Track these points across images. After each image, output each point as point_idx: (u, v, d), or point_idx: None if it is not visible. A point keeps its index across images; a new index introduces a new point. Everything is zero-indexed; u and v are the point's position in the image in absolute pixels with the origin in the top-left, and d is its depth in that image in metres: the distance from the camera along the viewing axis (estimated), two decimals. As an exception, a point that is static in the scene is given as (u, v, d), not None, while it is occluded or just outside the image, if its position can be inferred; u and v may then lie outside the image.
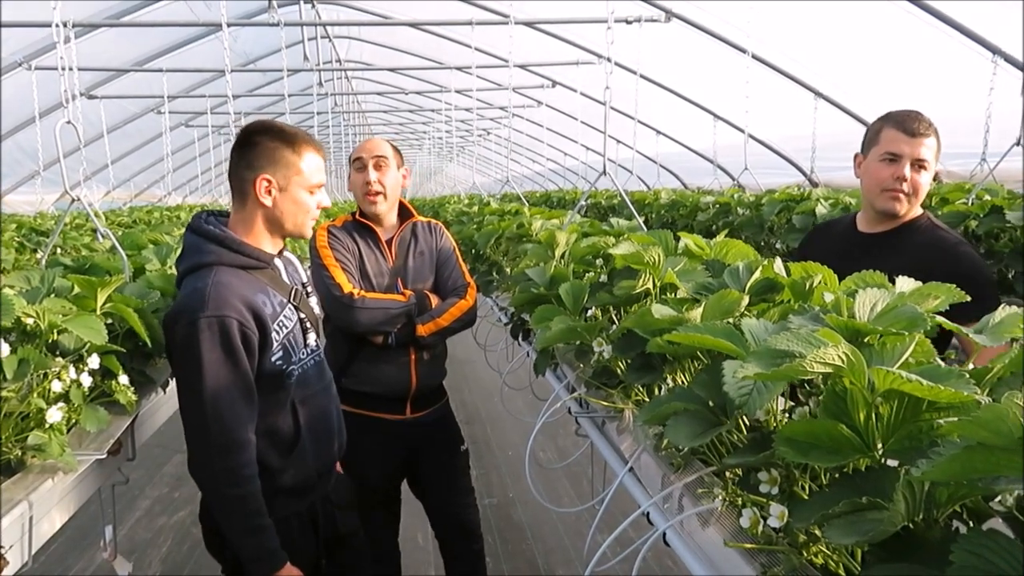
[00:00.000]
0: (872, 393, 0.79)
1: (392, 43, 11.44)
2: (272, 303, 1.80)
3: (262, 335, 1.73)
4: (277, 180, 1.79)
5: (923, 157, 2.00)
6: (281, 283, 1.87)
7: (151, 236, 2.94)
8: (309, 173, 1.82)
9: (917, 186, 2.02)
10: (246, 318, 1.70)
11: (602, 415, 1.76)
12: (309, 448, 1.88)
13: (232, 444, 1.68)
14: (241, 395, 1.69)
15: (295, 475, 1.86)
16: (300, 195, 1.81)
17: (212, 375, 1.65)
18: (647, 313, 1.25)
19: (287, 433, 1.85)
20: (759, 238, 4.32)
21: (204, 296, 1.68)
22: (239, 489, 1.69)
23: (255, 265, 1.81)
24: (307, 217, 1.85)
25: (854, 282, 1.22)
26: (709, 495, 1.02)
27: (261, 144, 1.79)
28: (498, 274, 3.29)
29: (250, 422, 1.72)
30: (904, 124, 2.01)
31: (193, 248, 1.81)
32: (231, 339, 1.67)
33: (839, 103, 7.03)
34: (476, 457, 5.26)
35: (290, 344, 1.83)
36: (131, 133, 11.94)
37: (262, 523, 1.72)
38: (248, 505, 1.70)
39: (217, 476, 1.70)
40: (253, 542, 1.71)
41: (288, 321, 1.84)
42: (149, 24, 7.74)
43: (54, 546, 3.87)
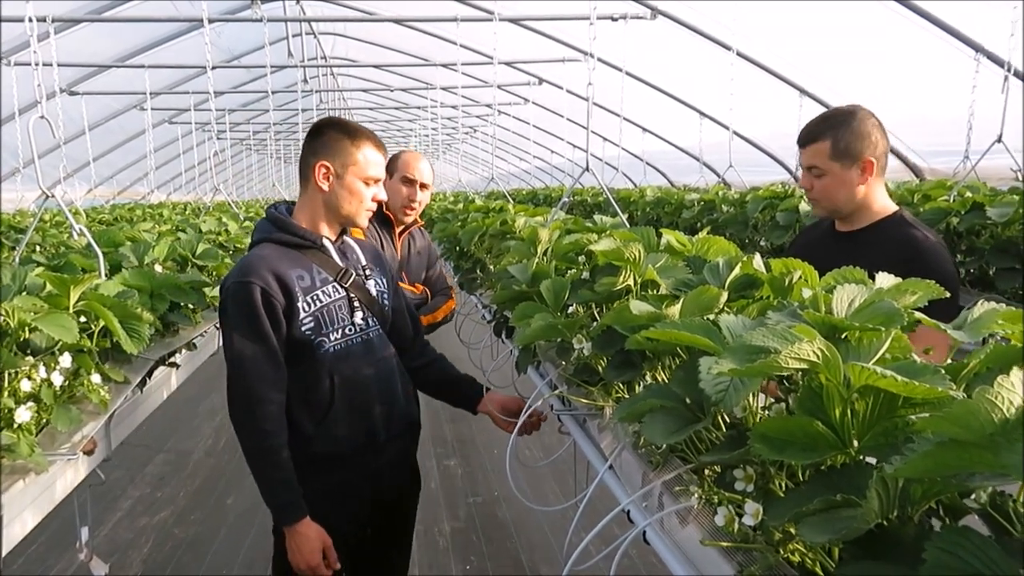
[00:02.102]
0: (848, 389, 0.79)
1: (378, 40, 11.39)
2: (313, 278, 1.96)
3: (288, 303, 1.89)
4: (335, 167, 1.97)
5: (809, 164, 2.04)
6: (330, 263, 2.02)
7: (129, 233, 2.91)
8: (365, 164, 1.99)
9: (820, 190, 2.05)
10: (271, 285, 1.86)
11: (583, 413, 1.75)
12: (341, 418, 1.99)
13: (253, 399, 1.85)
14: (263, 355, 1.86)
15: (327, 442, 1.98)
16: (356, 184, 1.99)
17: (237, 334, 1.86)
18: (625, 309, 1.23)
19: (322, 400, 1.97)
20: (743, 235, 4.33)
21: (242, 265, 1.91)
22: (260, 441, 1.86)
23: (301, 244, 1.98)
24: (361, 207, 2.02)
25: (834, 278, 1.21)
26: (687, 493, 1.01)
27: (326, 135, 1.98)
28: (482, 272, 3.27)
29: (273, 381, 1.88)
30: (799, 133, 2.06)
31: (257, 228, 2.05)
32: (253, 303, 1.84)
33: (823, 100, 7.05)
34: (462, 455, 5.24)
35: (324, 317, 1.96)
36: (114, 130, 11.82)
37: (280, 476, 1.87)
38: (268, 457, 1.86)
39: (243, 425, 1.89)
40: (274, 490, 1.88)
41: (325, 296, 1.97)
42: (131, 19, 7.67)
43: (34, 547, 3.82)
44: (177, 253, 2.84)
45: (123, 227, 4.63)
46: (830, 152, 1.99)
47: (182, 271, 2.82)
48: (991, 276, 2.71)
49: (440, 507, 4.36)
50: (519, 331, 1.70)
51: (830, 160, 2.00)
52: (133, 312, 1.88)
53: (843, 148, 1.98)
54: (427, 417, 5.80)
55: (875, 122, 2.00)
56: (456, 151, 17.27)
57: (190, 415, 6.07)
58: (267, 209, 2.09)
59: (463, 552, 3.85)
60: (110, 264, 2.34)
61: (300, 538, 1.87)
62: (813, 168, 2.03)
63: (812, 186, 2.06)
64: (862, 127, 1.98)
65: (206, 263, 2.96)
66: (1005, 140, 4.00)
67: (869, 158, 2.00)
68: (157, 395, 2.66)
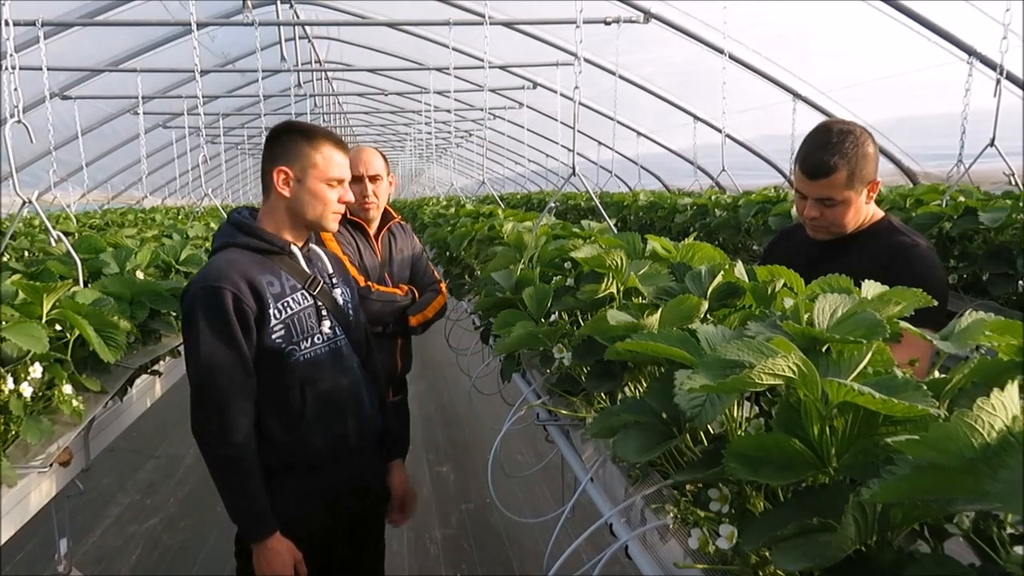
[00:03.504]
0: (826, 406, 0.75)
1: (372, 44, 11.35)
2: (282, 285, 1.91)
3: (260, 310, 1.83)
4: (294, 172, 1.91)
5: (824, 196, 1.94)
6: (298, 270, 1.97)
7: (111, 239, 2.87)
8: (326, 165, 1.92)
9: (832, 218, 1.98)
10: (242, 291, 1.81)
11: (567, 424, 1.71)
12: (315, 428, 1.94)
13: (222, 407, 1.79)
14: (233, 363, 1.80)
15: (298, 452, 1.93)
16: (318, 187, 1.92)
17: (205, 340, 1.78)
18: (603, 319, 1.20)
19: (292, 411, 1.92)
20: (736, 240, 4.30)
21: (209, 270, 1.84)
22: (227, 450, 1.79)
23: (268, 249, 1.93)
24: (326, 210, 1.95)
25: (819, 286, 1.18)
26: (663, 511, 0.97)
27: (283, 139, 1.93)
28: (470, 277, 3.24)
29: (242, 389, 1.82)
30: (805, 163, 1.95)
31: (220, 233, 1.99)
32: (224, 308, 1.78)
33: (817, 104, 7.04)
34: (454, 461, 5.20)
35: (294, 325, 1.91)
36: (107, 134, 11.77)
37: (251, 490, 1.81)
38: (236, 466, 1.80)
39: (210, 435, 1.81)
40: (243, 505, 1.82)
41: (295, 304, 1.92)
42: (122, 23, 7.64)
43: (20, 554, 3.78)
44: (161, 259, 2.80)
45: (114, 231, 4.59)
46: (845, 182, 1.91)
47: (165, 277, 2.78)
48: (984, 281, 2.68)
49: (432, 513, 4.31)
50: (500, 339, 1.67)
51: (846, 190, 1.92)
52: (109, 320, 1.84)
53: (858, 175, 1.91)
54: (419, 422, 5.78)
55: (872, 138, 1.96)
56: (452, 155, 17.24)
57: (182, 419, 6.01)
58: (229, 214, 2.03)
59: (454, 559, 3.81)
60: (90, 271, 2.30)
61: (271, 554, 1.81)
62: (827, 200, 1.95)
63: (820, 215, 1.98)
64: (868, 148, 1.92)
65: (191, 269, 2.92)
66: (998, 144, 3.98)
67: (876, 179, 1.96)
68: (140, 403, 2.62)
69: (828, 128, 1.96)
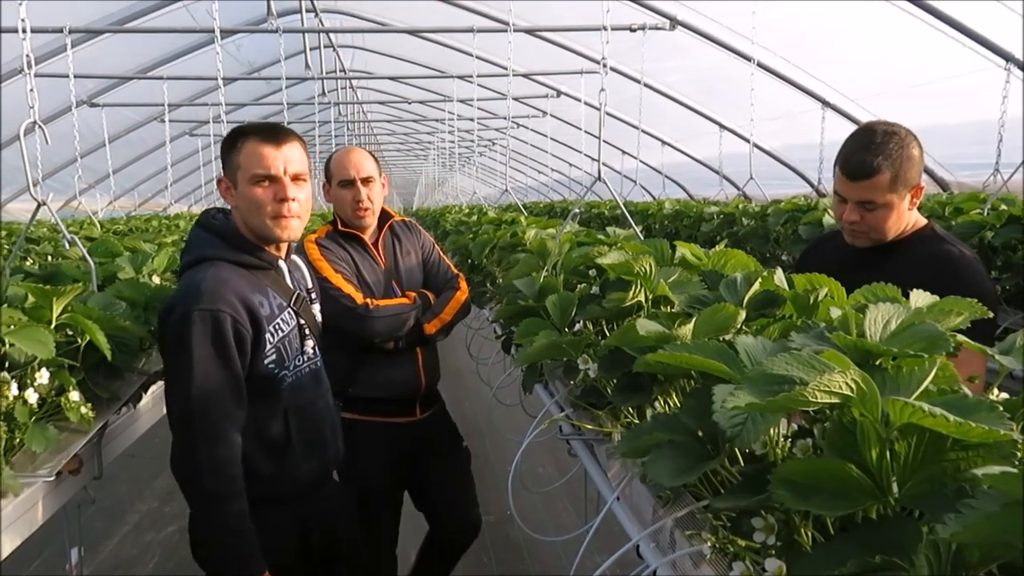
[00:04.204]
0: (886, 428, 0.67)
1: (395, 52, 11.39)
2: (271, 305, 1.76)
3: (255, 335, 1.70)
4: (228, 178, 1.75)
5: (866, 199, 1.85)
6: (284, 286, 1.83)
7: (128, 243, 2.84)
8: (247, 162, 1.72)
9: (873, 223, 1.88)
10: (240, 315, 1.66)
11: (591, 438, 1.64)
12: (300, 457, 1.82)
13: (217, 439, 1.64)
14: (229, 391, 1.65)
15: (284, 483, 1.80)
16: (245, 190, 1.72)
17: (201, 368, 1.62)
18: (632, 329, 1.12)
19: (278, 439, 1.79)
20: (764, 249, 4.20)
21: (200, 289, 1.65)
22: (219, 486, 1.64)
23: (257, 264, 1.78)
24: (263, 214, 1.72)
25: (864, 296, 1.10)
26: (698, 537, 0.89)
27: (223, 147, 1.78)
28: (492, 285, 3.18)
29: (237, 420, 1.68)
30: (846, 164, 1.86)
31: (196, 241, 1.79)
32: (223, 334, 1.64)
33: (847, 112, 6.91)
34: (474, 473, 5.13)
35: (285, 349, 1.79)
36: (134, 142, 11.88)
37: (241, 526, 1.65)
38: (228, 504, 1.64)
39: (199, 470, 1.63)
40: (230, 543, 1.65)
41: (285, 325, 1.79)
42: (149, 30, 7.69)
43: (36, 563, 3.75)
44: (177, 264, 2.76)
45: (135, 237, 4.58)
46: (888, 185, 1.82)
47: (183, 283, 2.73)
48: (1028, 293, 2.57)
49: (450, 526, 4.24)
50: (522, 349, 1.60)
51: (888, 193, 1.83)
52: (121, 325, 1.79)
53: (902, 178, 1.82)
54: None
55: (917, 140, 1.87)
56: (474, 164, 17.25)
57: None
58: (202, 218, 1.84)
59: (473, 572, 3.73)
60: (105, 275, 2.26)
61: None
62: (868, 204, 1.86)
63: (861, 219, 1.88)
64: (913, 151, 1.83)
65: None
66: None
67: (920, 184, 1.87)
68: (156, 410, 2.58)
69: (872, 129, 1.87)
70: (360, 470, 2.55)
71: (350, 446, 2.50)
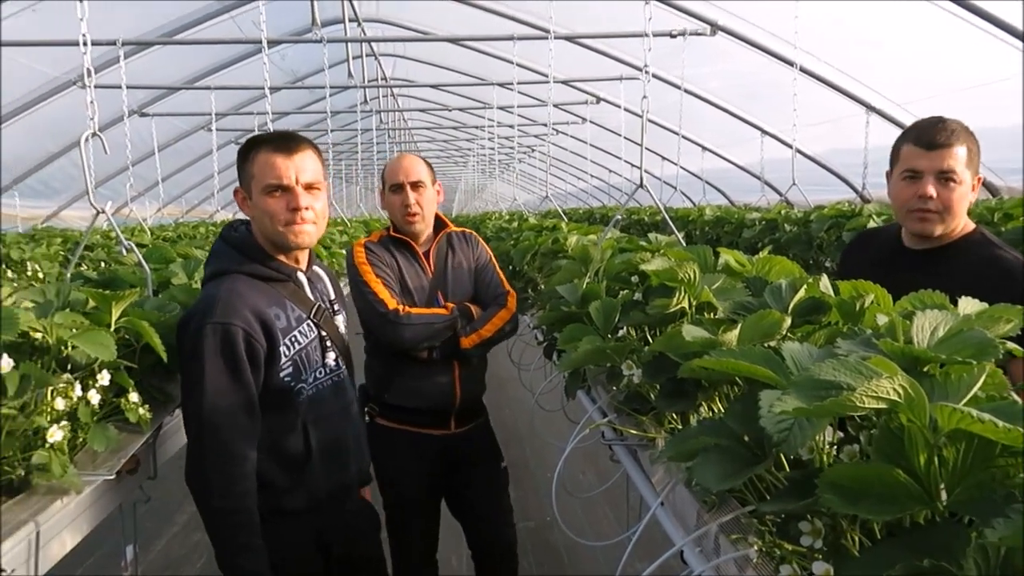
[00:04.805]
0: (934, 433, 0.68)
1: (436, 60, 11.51)
2: (288, 317, 1.75)
3: (270, 348, 1.69)
4: (244, 189, 1.76)
5: (947, 169, 1.79)
6: (303, 298, 1.82)
7: (180, 250, 2.92)
8: (260, 173, 1.72)
9: (947, 202, 1.82)
10: (253, 328, 1.65)
11: (634, 444, 1.65)
12: (319, 471, 1.80)
13: (227, 456, 1.63)
14: (241, 407, 1.64)
15: (302, 496, 1.79)
16: (259, 200, 1.73)
17: (212, 383, 1.62)
18: (677, 335, 1.14)
19: (296, 453, 1.77)
20: (807, 256, 4.16)
21: (214, 303, 1.66)
22: (230, 503, 1.63)
23: (275, 277, 1.77)
24: (276, 224, 1.72)
25: (911, 303, 1.10)
26: (743, 541, 0.90)
27: (238, 158, 1.78)
28: (533, 291, 3.19)
29: (249, 436, 1.67)
30: (921, 136, 1.83)
31: (216, 255, 1.80)
32: (235, 348, 1.63)
33: (892, 116, 6.80)
34: (515, 479, 5.10)
35: (302, 361, 1.77)
36: (182, 151, 12.18)
37: (250, 542, 1.64)
38: (238, 521, 1.63)
39: (209, 487, 1.63)
40: (240, 561, 1.63)
41: (303, 337, 1.78)
42: (198, 42, 7.90)
43: (91, 559, 3.86)
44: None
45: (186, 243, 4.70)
46: (967, 158, 1.80)
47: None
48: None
49: (490, 531, 4.26)
50: (566, 355, 1.62)
51: (966, 167, 1.80)
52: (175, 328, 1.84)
53: (973, 158, 1.81)
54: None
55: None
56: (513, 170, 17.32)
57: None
58: (223, 232, 1.85)
59: (513, 579, 3.75)
60: (159, 281, 2.34)
61: None
62: (948, 174, 1.80)
63: (936, 195, 1.81)
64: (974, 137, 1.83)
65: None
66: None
67: (980, 175, 1.86)
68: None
69: (935, 116, 1.87)
70: (392, 477, 2.57)
71: (385, 452, 2.52)
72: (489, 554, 2.75)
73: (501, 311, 2.55)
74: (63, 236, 6.50)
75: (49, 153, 9.40)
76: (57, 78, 7.73)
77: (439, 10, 8.90)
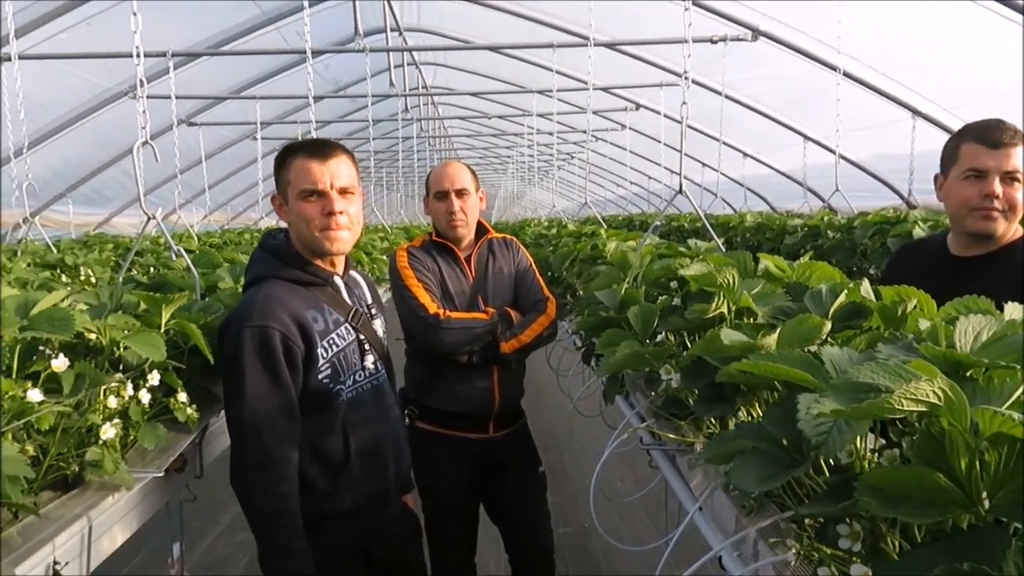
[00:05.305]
0: (976, 437, 0.67)
1: (476, 68, 11.58)
2: (326, 320, 1.78)
3: (307, 350, 1.71)
4: (281, 196, 1.80)
5: (1012, 168, 1.79)
6: (340, 302, 1.85)
7: (226, 255, 2.99)
8: (296, 178, 1.76)
9: (1012, 201, 1.81)
10: (291, 331, 1.68)
11: (673, 448, 1.64)
12: (359, 474, 1.82)
13: (267, 459, 1.66)
14: (280, 409, 1.67)
15: (342, 501, 1.81)
16: (296, 205, 1.76)
17: (252, 386, 1.65)
18: (716, 339, 1.14)
19: (335, 455, 1.80)
20: (850, 262, 4.09)
21: (252, 307, 1.70)
22: (272, 505, 1.66)
23: (312, 281, 1.80)
24: (313, 229, 1.76)
25: (954, 308, 1.08)
26: (783, 545, 0.90)
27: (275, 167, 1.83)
28: (572, 297, 3.20)
29: (290, 438, 1.70)
30: (984, 136, 1.81)
31: (255, 261, 1.85)
32: (273, 350, 1.66)
33: (939, 121, 6.66)
34: (553, 484, 5.10)
35: (340, 363, 1.80)
36: (228, 159, 12.43)
37: (293, 544, 1.67)
38: (280, 523, 1.66)
39: (250, 490, 1.67)
40: (282, 563, 1.66)
41: (340, 340, 1.80)
42: (244, 52, 8.06)
43: (137, 557, 3.95)
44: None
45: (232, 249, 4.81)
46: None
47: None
48: None
49: (528, 537, 4.26)
50: (604, 359, 1.62)
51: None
52: (223, 331, 1.89)
53: None
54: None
55: None
56: (552, 177, 17.34)
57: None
58: (262, 239, 1.90)
59: (550, 585, 3.74)
60: (207, 285, 2.40)
61: None
62: (1013, 173, 1.80)
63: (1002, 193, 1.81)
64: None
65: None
66: None
67: None
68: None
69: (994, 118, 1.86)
70: (431, 480, 2.59)
71: (424, 456, 2.55)
72: (526, 559, 2.76)
73: (541, 317, 2.58)
74: (114, 242, 6.68)
75: (101, 162, 9.67)
76: (109, 89, 7.95)
77: (479, 19, 8.97)
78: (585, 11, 5.04)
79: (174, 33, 7.38)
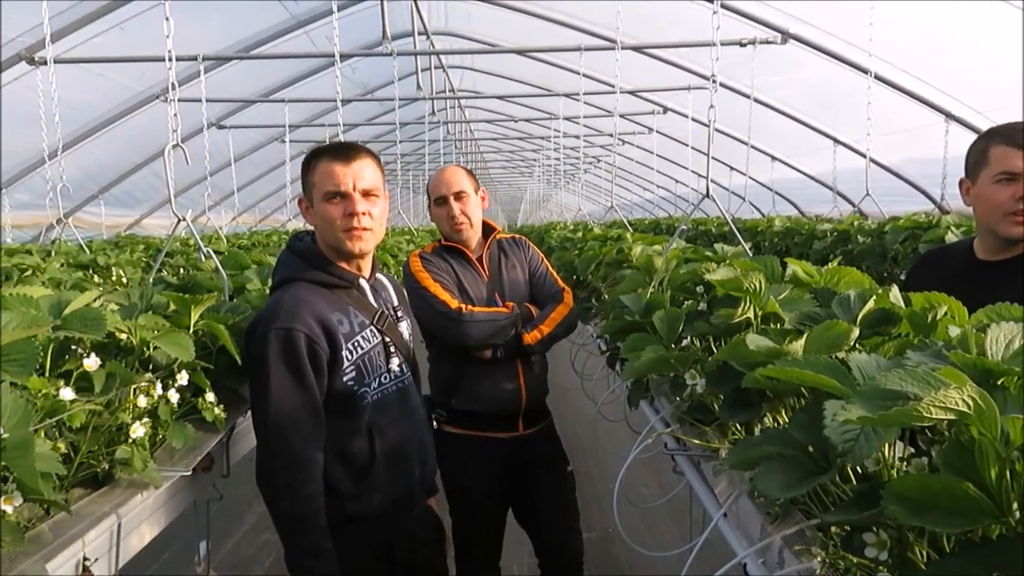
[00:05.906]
0: (1006, 446, 0.66)
1: (503, 71, 11.61)
2: (351, 323, 1.79)
3: (332, 352, 1.72)
4: (307, 198, 1.82)
5: None
6: (366, 304, 1.86)
7: (255, 257, 3.02)
8: (320, 181, 1.78)
9: None
10: (316, 333, 1.69)
11: (697, 454, 1.63)
12: (384, 476, 1.83)
13: (292, 460, 1.67)
14: (306, 410, 1.68)
15: (367, 503, 1.81)
16: (320, 207, 1.78)
17: (277, 387, 1.67)
18: (742, 344, 1.13)
19: (361, 458, 1.80)
20: (881, 268, 4.04)
21: (277, 309, 1.72)
22: (298, 507, 1.68)
23: (336, 283, 1.82)
24: (335, 230, 1.78)
25: (986, 315, 1.07)
26: (807, 553, 0.89)
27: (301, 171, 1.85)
28: (597, 301, 3.19)
29: (315, 439, 1.71)
30: (1014, 137, 1.78)
31: (282, 264, 1.87)
32: (297, 352, 1.68)
33: (973, 125, 6.55)
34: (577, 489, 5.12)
35: (365, 366, 1.80)
36: (256, 162, 12.57)
37: (319, 546, 1.68)
38: (307, 524, 1.67)
39: (277, 492, 1.69)
40: (308, 564, 1.67)
41: (366, 343, 1.81)
42: (273, 56, 8.16)
43: (166, 554, 4.00)
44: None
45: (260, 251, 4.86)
46: None
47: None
48: None
49: (551, 541, 4.25)
50: (629, 364, 1.62)
51: None
52: (250, 332, 1.90)
53: None
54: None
55: None
56: (578, 181, 17.31)
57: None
58: (289, 241, 1.92)
59: (573, 590, 3.73)
60: (235, 286, 2.42)
61: None
62: None
63: None
64: None
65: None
66: None
67: None
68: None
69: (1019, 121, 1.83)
70: (460, 484, 2.60)
71: (452, 459, 2.55)
72: (556, 563, 2.75)
73: (559, 306, 2.61)
74: (145, 243, 6.78)
75: (132, 164, 9.83)
76: (141, 92, 8.08)
77: (506, 22, 8.99)
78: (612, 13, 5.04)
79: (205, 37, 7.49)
